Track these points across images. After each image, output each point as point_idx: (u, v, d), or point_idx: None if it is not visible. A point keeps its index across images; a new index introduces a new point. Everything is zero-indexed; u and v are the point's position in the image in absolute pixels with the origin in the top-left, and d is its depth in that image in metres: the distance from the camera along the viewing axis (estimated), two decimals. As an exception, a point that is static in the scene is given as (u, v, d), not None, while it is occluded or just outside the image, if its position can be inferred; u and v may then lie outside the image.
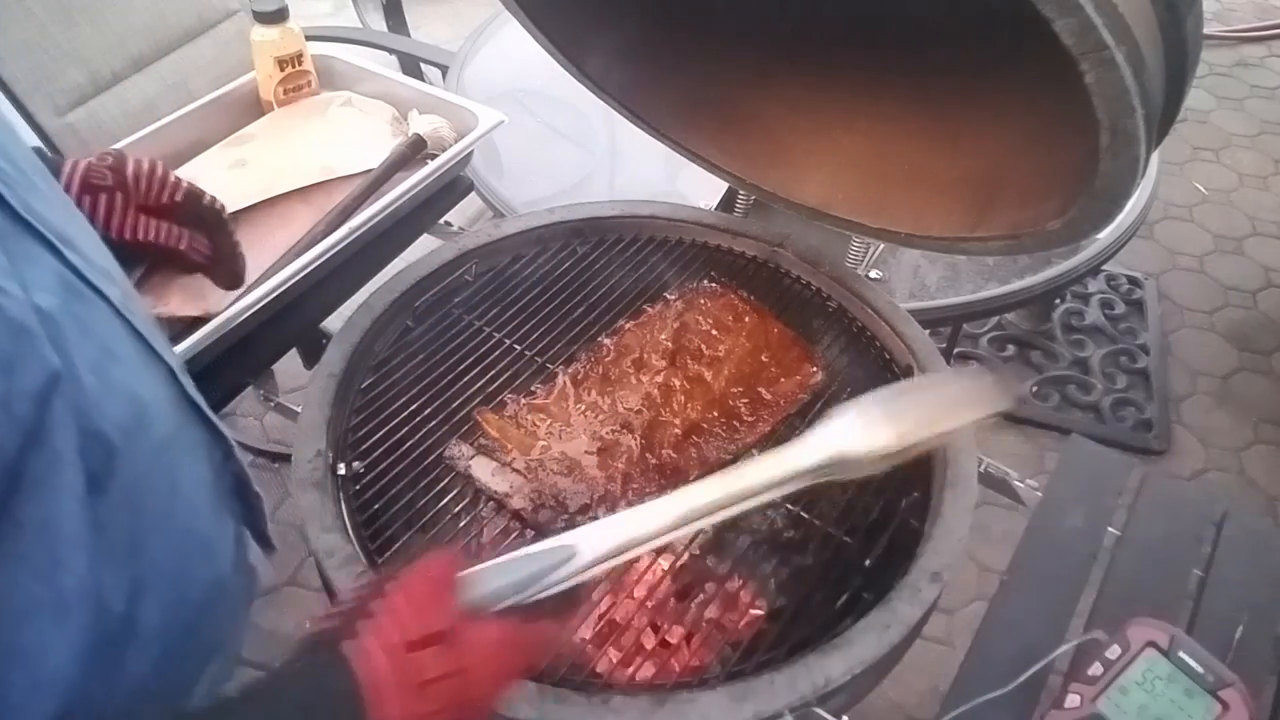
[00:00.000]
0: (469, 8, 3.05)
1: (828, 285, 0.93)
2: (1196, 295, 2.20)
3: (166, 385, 0.52)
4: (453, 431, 0.77)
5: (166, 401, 0.51)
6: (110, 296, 0.48)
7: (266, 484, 1.75)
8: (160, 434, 0.49)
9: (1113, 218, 0.67)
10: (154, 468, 0.48)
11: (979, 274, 1.23)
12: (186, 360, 0.80)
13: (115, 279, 0.50)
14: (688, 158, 1.01)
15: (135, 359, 0.49)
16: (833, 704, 0.61)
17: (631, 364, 0.82)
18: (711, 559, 0.83)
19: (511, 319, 0.87)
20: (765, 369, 0.83)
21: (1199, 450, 1.85)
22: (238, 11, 1.31)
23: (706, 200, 1.17)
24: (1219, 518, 0.82)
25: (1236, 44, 3.14)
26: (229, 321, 0.83)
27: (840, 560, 0.73)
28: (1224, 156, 2.64)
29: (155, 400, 0.50)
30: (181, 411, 0.53)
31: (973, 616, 1.52)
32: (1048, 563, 0.78)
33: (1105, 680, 0.65)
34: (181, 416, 0.53)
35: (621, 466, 0.74)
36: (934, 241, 0.87)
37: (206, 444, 0.56)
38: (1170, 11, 0.56)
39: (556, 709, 0.57)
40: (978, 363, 1.98)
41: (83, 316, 0.44)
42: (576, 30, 0.94)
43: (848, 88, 0.91)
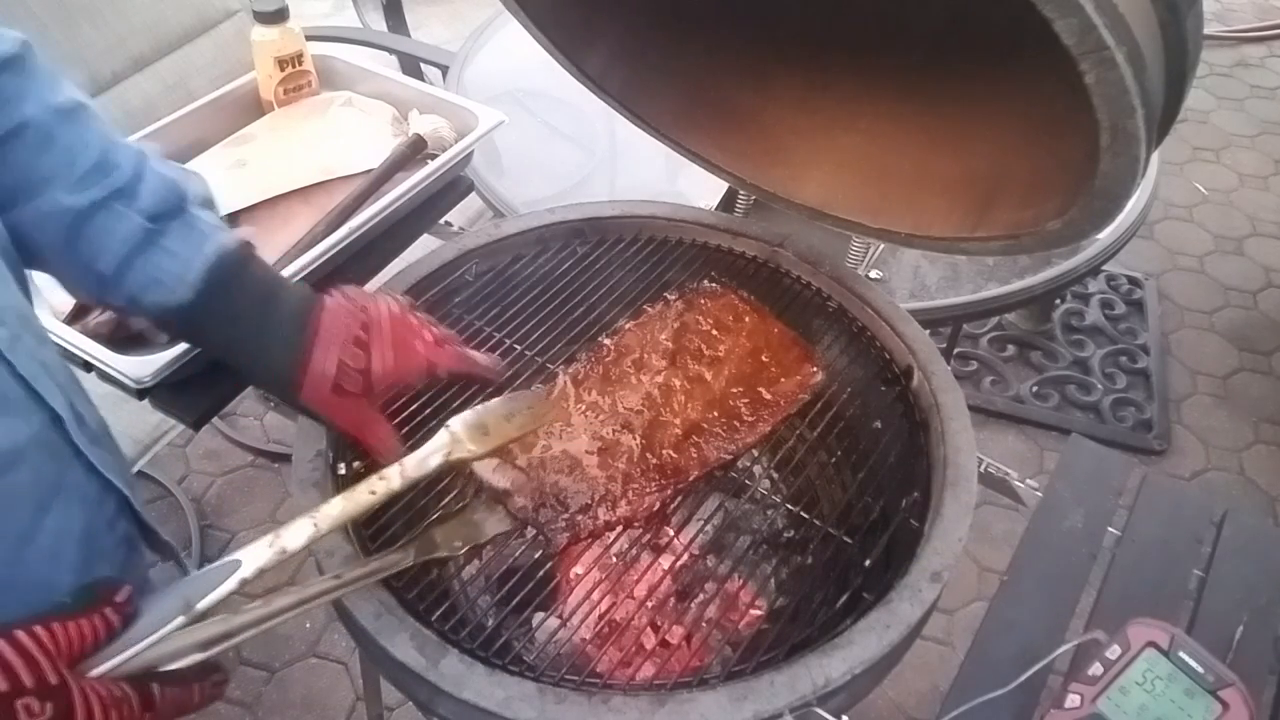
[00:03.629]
0: (469, 8, 3.05)
1: (828, 285, 0.93)
2: (1196, 295, 2.20)
3: (44, 430, 0.50)
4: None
5: (37, 449, 0.50)
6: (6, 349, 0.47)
7: (266, 484, 1.76)
8: (16, 482, 0.48)
9: (1113, 218, 0.67)
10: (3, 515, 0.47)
11: (979, 274, 1.23)
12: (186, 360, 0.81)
13: (7, 320, 0.49)
14: (688, 158, 1.01)
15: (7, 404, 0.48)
16: (833, 704, 0.61)
17: (632, 364, 0.82)
18: (712, 559, 0.83)
19: (511, 319, 0.87)
20: (765, 369, 0.83)
21: (1199, 450, 1.86)
22: (238, 11, 1.30)
23: (706, 200, 1.17)
24: (1219, 518, 0.82)
25: (1236, 44, 3.14)
26: (229, 321, 0.83)
27: (840, 560, 0.73)
28: (1224, 156, 2.64)
29: (17, 448, 0.48)
30: (59, 461, 0.52)
31: (973, 616, 1.53)
32: (1048, 563, 0.78)
33: (1105, 680, 0.65)
34: (58, 466, 0.52)
35: (622, 466, 0.74)
36: (934, 241, 0.87)
37: (92, 496, 0.55)
38: (1170, 11, 0.56)
39: (556, 709, 0.57)
40: (978, 362, 1.98)
41: None
42: (576, 30, 0.94)
43: (848, 87, 0.91)
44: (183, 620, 0.47)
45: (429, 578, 0.69)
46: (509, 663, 0.61)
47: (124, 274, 0.60)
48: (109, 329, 0.85)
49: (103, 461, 0.55)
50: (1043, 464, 1.81)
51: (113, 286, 0.61)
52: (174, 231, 0.61)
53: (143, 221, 0.60)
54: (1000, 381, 1.95)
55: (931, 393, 0.80)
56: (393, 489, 0.60)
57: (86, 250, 0.60)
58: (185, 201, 0.62)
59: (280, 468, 1.78)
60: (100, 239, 0.59)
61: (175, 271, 0.61)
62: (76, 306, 0.86)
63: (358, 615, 0.61)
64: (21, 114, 0.57)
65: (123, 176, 0.60)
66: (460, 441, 0.63)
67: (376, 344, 0.65)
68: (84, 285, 0.63)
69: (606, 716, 0.57)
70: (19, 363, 0.49)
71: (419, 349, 0.68)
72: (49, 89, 0.59)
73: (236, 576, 0.50)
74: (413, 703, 0.66)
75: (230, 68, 1.24)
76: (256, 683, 1.47)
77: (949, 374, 0.81)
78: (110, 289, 0.61)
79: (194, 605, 0.48)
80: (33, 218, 0.58)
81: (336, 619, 0.64)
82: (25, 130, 0.57)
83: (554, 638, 0.70)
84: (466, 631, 0.62)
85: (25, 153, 0.58)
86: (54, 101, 0.59)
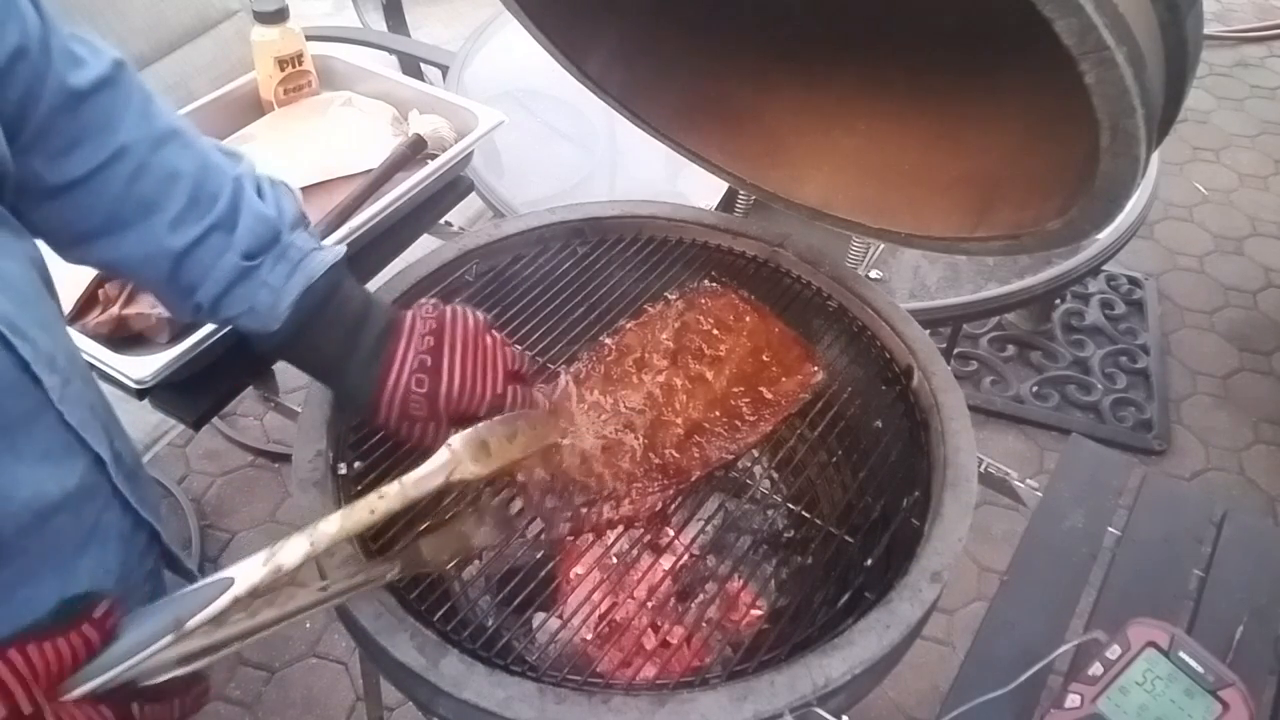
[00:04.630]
0: (469, 8, 3.05)
1: (828, 285, 0.93)
2: (1196, 295, 2.20)
3: (88, 474, 0.50)
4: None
5: (80, 493, 0.50)
6: (46, 386, 0.47)
7: (267, 484, 1.76)
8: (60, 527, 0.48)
9: (1113, 218, 0.67)
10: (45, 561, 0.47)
11: (979, 274, 1.23)
12: (186, 360, 0.81)
13: (58, 365, 0.49)
14: (688, 158, 1.01)
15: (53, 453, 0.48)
16: (833, 704, 0.61)
17: (633, 363, 0.82)
18: (712, 559, 0.83)
19: (512, 319, 0.87)
20: (766, 368, 0.83)
21: (1199, 450, 1.86)
22: (238, 11, 1.31)
23: (706, 200, 1.17)
24: (1219, 518, 0.82)
25: (1236, 44, 3.14)
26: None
27: (841, 560, 0.73)
28: (1224, 156, 2.64)
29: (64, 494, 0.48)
30: (98, 501, 0.52)
31: (973, 616, 1.53)
32: (1048, 563, 0.78)
33: (1105, 680, 0.65)
34: (97, 506, 0.52)
35: (625, 466, 0.74)
36: (934, 241, 0.87)
37: (126, 533, 0.55)
38: (1171, 11, 0.56)
39: (557, 709, 0.57)
40: (978, 362, 1.98)
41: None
42: (576, 30, 0.94)
43: (848, 88, 0.91)
44: (170, 639, 0.46)
45: (429, 578, 0.69)
46: (509, 663, 0.61)
47: (220, 305, 0.62)
48: (109, 329, 0.85)
49: (138, 498, 0.56)
50: (1043, 464, 1.81)
51: (209, 314, 0.63)
52: (268, 264, 0.62)
53: (239, 260, 0.61)
54: (1000, 381, 1.95)
55: (931, 393, 0.80)
56: (391, 509, 0.59)
57: (185, 283, 0.61)
58: (280, 234, 0.63)
59: (280, 468, 1.78)
60: (199, 273, 0.60)
61: (268, 303, 0.62)
62: (77, 306, 0.86)
63: (358, 615, 0.61)
64: (117, 140, 0.56)
65: (219, 211, 0.60)
66: (462, 461, 0.63)
67: (446, 369, 0.66)
68: (181, 311, 0.64)
69: (607, 717, 0.57)
70: (68, 411, 0.49)
71: (488, 379, 0.68)
72: (142, 113, 0.58)
73: (229, 594, 0.49)
74: (413, 703, 0.66)
75: (230, 68, 1.24)
76: (256, 683, 1.47)
77: (949, 374, 0.81)
78: (206, 316, 0.63)
79: (184, 624, 0.47)
80: (133, 253, 0.59)
81: (336, 619, 0.64)
82: (121, 158, 0.57)
83: (554, 638, 0.70)
84: (467, 632, 0.62)
85: (118, 183, 0.57)
86: (149, 127, 0.58)
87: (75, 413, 0.49)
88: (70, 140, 0.55)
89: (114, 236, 0.58)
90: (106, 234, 0.58)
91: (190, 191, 0.59)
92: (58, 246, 0.60)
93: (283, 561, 0.52)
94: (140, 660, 0.45)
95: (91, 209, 0.57)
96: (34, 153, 0.54)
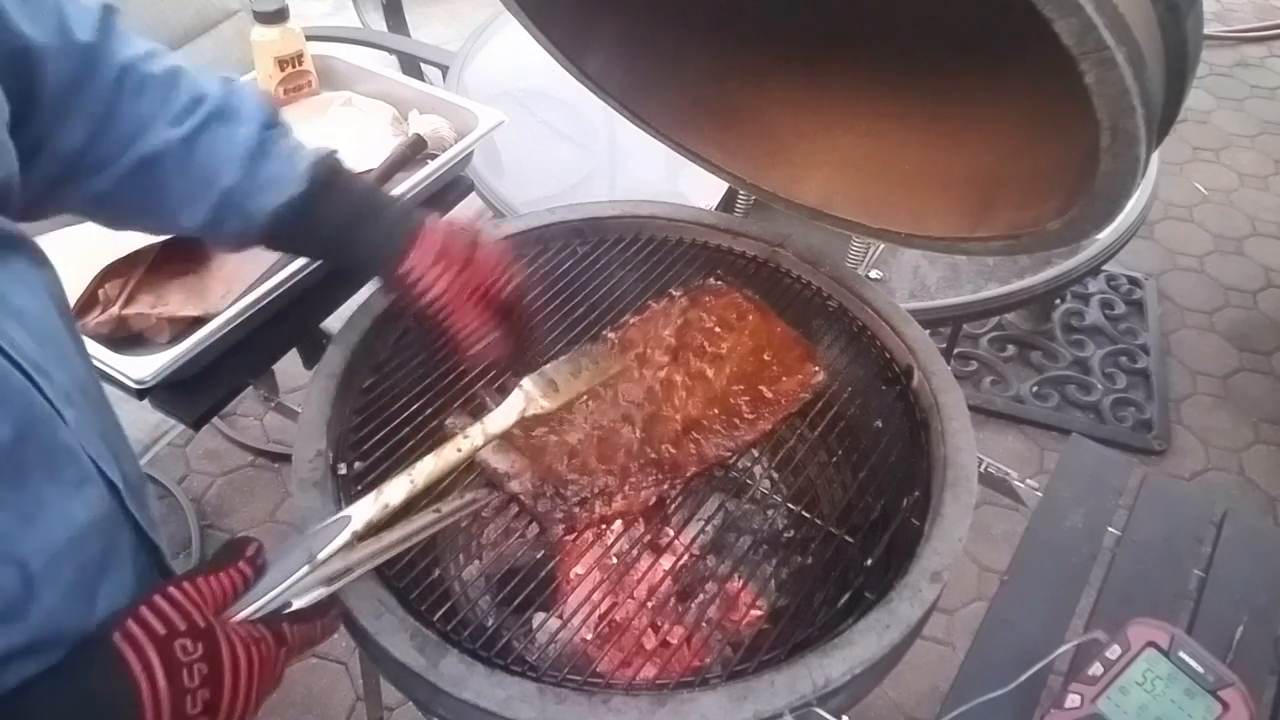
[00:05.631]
0: (469, 8, 3.05)
1: (828, 285, 0.93)
2: (1196, 295, 2.20)
3: (104, 502, 0.51)
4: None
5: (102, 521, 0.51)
6: (67, 419, 0.48)
7: (267, 484, 1.76)
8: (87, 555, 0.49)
9: (1113, 218, 0.67)
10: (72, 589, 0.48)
11: (979, 274, 1.23)
12: (186, 360, 0.81)
13: (74, 399, 0.50)
14: (688, 158, 1.01)
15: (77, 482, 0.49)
16: (833, 704, 0.61)
17: (635, 358, 0.82)
18: (712, 559, 0.83)
19: (512, 319, 0.87)
20: (767, 367, 0.83)
21: (1199, 450, 1.86)
22: (238, 11, 1.31)
23: (706, 200, 1.17)
24: (1219, 518, 0.82)
25: (1236, 44, 3.14)
26: (229, 321, 0.83)
27: (841, 560, 0.73)
28: (1224, 156, 2.64)
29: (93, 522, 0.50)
30: (116, 526, 0.53)
31: (973, 616, 1.53)
32: (1048, 563, 0.78)
33: (1105, 680, 0.65)
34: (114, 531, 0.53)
35: (621, 459, 0.74)
36: (934, 241, 0.87)
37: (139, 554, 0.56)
38: (1171, 11, 0.56)
39: (557, 709, 0.57)
40: (978, 362, 1.98)
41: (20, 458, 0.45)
42: (576, 30, 0.94)
43: (848, 87, 0.91)
44: (307, 569, 0.55)
45: (430, 578, 0.69)
46: (509, 663, 0.61)
47: (246, 182, 0.66)
48: (109, 329, 0.85)
49: (145, 519, 0.56)
50: (1043, 464, 1.81)
51: (236, 200, 0.66)
52: (280, 137, 0.68)
53: (257, 129, 0.66)
54: (1000, 381, 1.96)
55: (932, 393, 0.80)
56: (476, 445, 0.67)
57: (203, 172, 0.65)
58: (279, 113, 0.69)
59: (280, 468, 1.78)
60: (214, 157, 0.65)
61: (285, 172, 0.67)
62: (77, 307, 0.86)
63: (358, 615, 0.61)
64: (119, 62, 0.61)
65: (215, 99, 0.65)
66: (535, 399, 0.70)
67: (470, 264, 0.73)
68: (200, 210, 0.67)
69: (607, 717, 0.57)
70: (86, 443, 0.50)
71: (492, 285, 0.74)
72: (129, 42, 0.63)
73: (349, 530, 0.57)
74: (413, 703, 0.66)
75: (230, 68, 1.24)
76: (256, 683, 1.47)
77: (949, 374, 0.81)
78: (231, 206, 0.66)
79: (315, 556, 0.55)
80: (142, 161, 0.63)
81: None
82: (124, 77, 0.62)
83: (554, 638, 0.70)
84: (467, 632, 0.62)
85: (126, 100, 0.62)
86: (138, 49, 0.63)
87: (92, 443, 0.51)
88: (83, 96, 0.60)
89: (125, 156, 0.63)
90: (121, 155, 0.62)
91: (191, 91, 0.65)
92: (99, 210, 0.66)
93: (389, 499, 0.60)
94: (286, 588, 0.53)
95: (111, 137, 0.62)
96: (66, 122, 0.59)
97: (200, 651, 0.47)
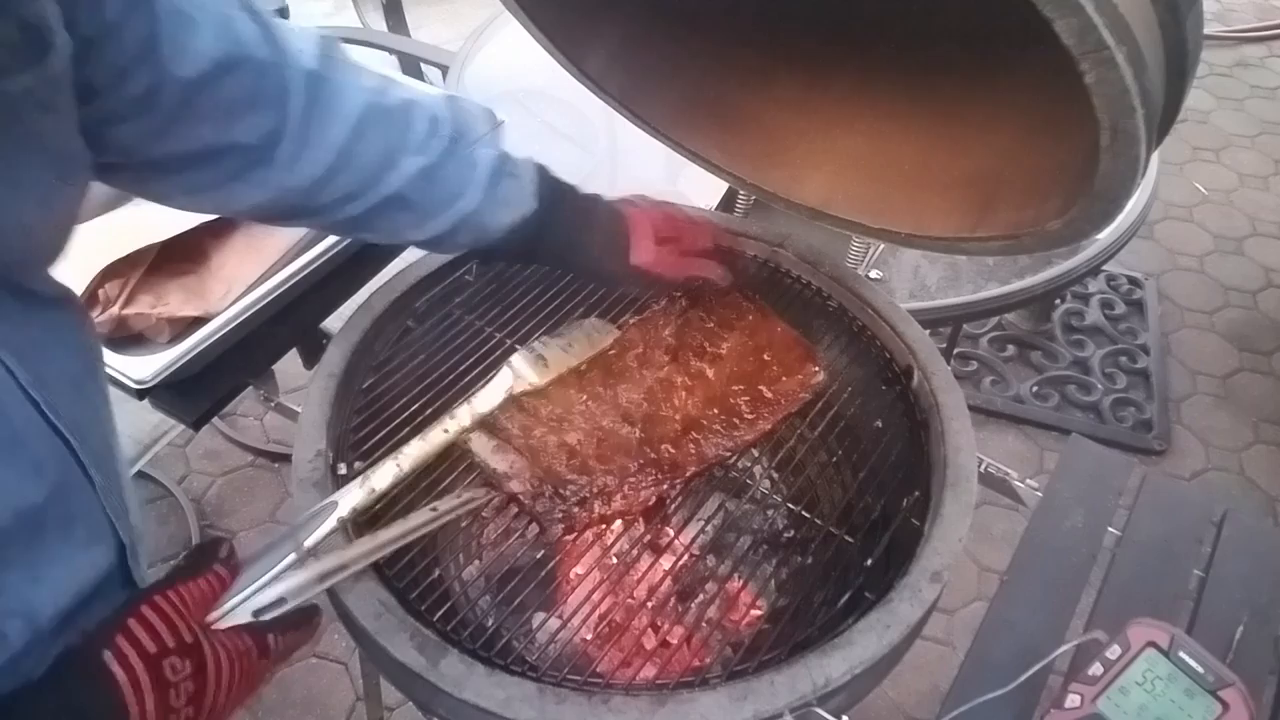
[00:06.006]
0: (469, 8, 3.05)
1: (828, 285, 0.93)
2: (1196, 295, 2.20)
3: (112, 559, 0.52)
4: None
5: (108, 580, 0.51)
6: (96, 483, 0.49)
7: (267, 484, 1.76)
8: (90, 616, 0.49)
9: (1113, 218, 0.67)
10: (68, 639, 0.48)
11: (979, 274, 1.23)
12: (186, 360, 0.81)
13: (104, 462, 0.51)
14: (688, 158, 1.01)
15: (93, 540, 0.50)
16: (833, 704, 0.61)
17: (635, 358, 0.82)
18: (712, 559, 0.83)
19: (511, 319, 0.87)
20: (767, 367, 0.83)
21: (1199, 450, 1.86)
22: (238, 11, 1.30)
23: (706, 200, 1.17)
24: (1219, 518, 0.82)
25: (1236, 44, 3.14)
26: (229, 321, 0.83)
27: (841, 560, 0.73)
28: (1224, 156, 2.64)
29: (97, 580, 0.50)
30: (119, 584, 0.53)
31: (973, 616, 1.53)
32: (1048, 563, 0.78)
33: (1105, 680, 0.65)
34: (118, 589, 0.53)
35: (620, 459, 0.74)
36: (934, 241, 0.87)
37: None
38: (1171, 12, 0.56)
39: (557, 709, 0.57)
40: (978, 362, 1.98)
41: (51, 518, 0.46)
42: (576, 30, 0.94)
43: (848, 87, 0.91)
44: (294, 557, 0.53)
45: (430, 578, 0.69)
46: (509, 663, 0.61)
47: (486, 203, 0.69)
48: (109, 329, 0.85)
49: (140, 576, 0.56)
50: (1043, 464, 1.81)
51: (473, 220, 0.70)
52: (509, 155, 0.72)
53: (495, 151, 0.70)
54: (1000, 381, 1.96)
55: (931, 393, 0.80)
56: (463, 425, 0.67)
57: (445, 195, 0.68)
58: (501, 122, 0.73)
59: (280, 468, 1.78)
60: (457, 181, 0.68)
61: (518, 190, 0.71)
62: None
63: (358, 615, 0.61)
64: (356, 97, 0.63)
65: (450, 123, 0.68)
66: (521, 376, 0.69)
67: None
68: (434, 227, 0.70)
69: (607, 717, 0.57)
70: (109, 504, 0.51)
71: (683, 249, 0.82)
72: (358, 72, 0.64)
73: (335, 516, 0.57)
74: (413, 703, 0.66)
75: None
76: (256, 683, 1.47)
77: (949, 374, 0.81)
78: (467, 224, 0.70)
79: (303, 543, 0.55)
80: (390, 194, 0.66)
81: (336, 619, 0.64)
82: (366, 114, 0.63)
83: (554, 638, 0.70)
84: (467, 632, 0.62)
85: (372, 133, 0.64)
86: (370, 81, 0.64)
87: (112, 503, 0.51)
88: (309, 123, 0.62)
89: (376, 189, 0.65)
90: (373, 188, 0.65)
91: (429, 119, 0.67)
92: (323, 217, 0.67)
93: (376, 485, 0.60)
94: (272, 577, 0.52)
95: (359, 169, 0.64)
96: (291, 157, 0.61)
97: (188, 669, 0.46)
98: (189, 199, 0.63)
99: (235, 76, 0.56)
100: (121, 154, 0.55)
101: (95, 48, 0.49)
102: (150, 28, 0.52)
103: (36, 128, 0.44)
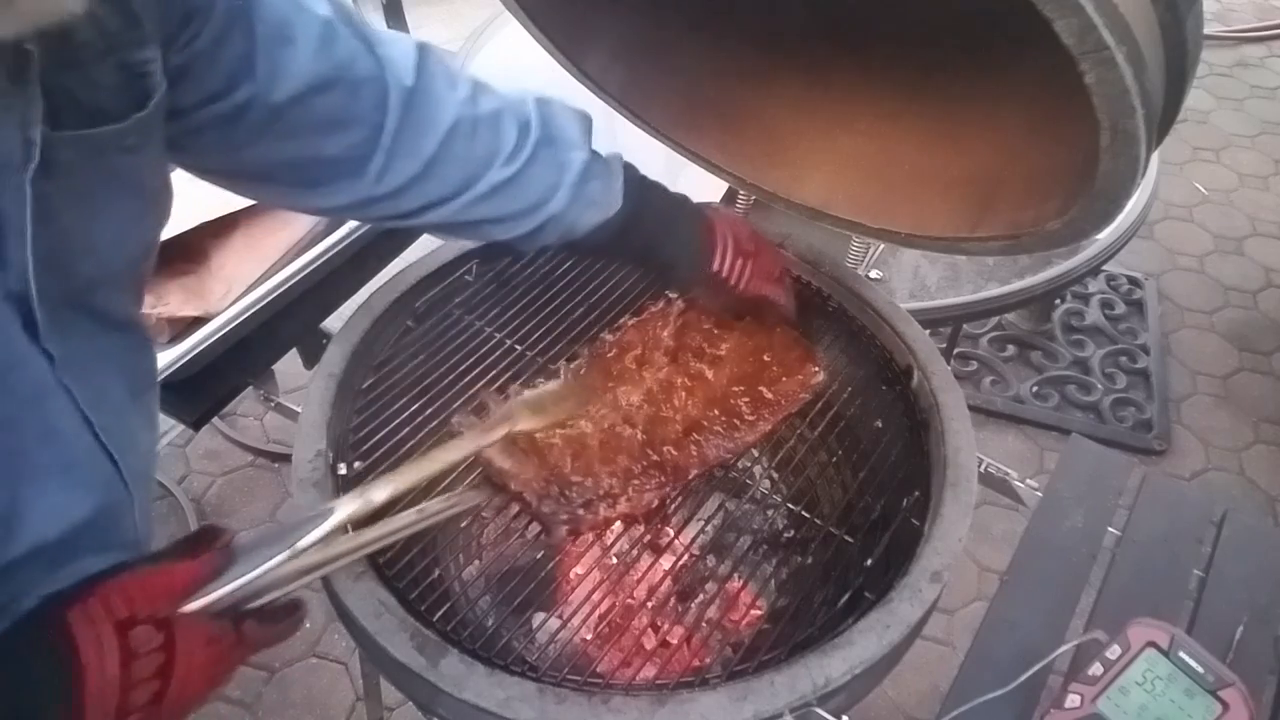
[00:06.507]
0: (469, 8, 3.05)
1: (828, 285, 0.93)
2: (1196, 295, 2.20)
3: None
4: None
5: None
6: (137, 501, 0.50)
7: (267, 484, 1.76)
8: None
9: (1113, 218, 0.67)
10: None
11: (979, 274, 1.23)
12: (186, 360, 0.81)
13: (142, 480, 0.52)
14: (688, 158, 1.01)
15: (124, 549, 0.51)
16: (833, 704, 0.61)
17: (634, 360, 0.82)
18: (712, 559, 0.83)
19: (511, 319, 0.87)
20: (767, 368, 0.82)
21: (1199, 450, 1.86)
22: (238, 11, 1.30)
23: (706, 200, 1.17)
24: (1219, 518, 0.82)
25: (1236, 44, 3.14)
26: (229, 321, 0.84)
27: (841, 560, 0.73)
28: (1224, 156, 2.64)
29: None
30: None
31: (973, 616, 1.53)
32: (1048, 563, 0.78)
33: (1105, 680, 0.65)
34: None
35: (623, 462, 0.74)
36: (934, 241, 0.87)
37: None
38: (1171, 11, 0.56)
39: (556, 709, 0.57)
40: (978, 362, 1.98)
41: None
42: (576, 29, 0.94)
43: (848, 87, 0.91)
44: (286, 556, 0.53)
45: (430, 578, 0.69)
46: (509, 663, 0.61)
47: (572, 204, 0.69)
48: (109, 329, 0.85)
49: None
50: (1043, 464, 1.81)
51: (559, 220, 0.69)
52: (598, 156, 0.70)
53: (584, 153, 0.69)
54: (1000, 381, 1.95)
55: (931, 393, 0.80)
56: (466, 451, 0.66)
57: (534, 198, 0.68)
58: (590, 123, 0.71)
59: (280, 468, 1.78)
60: (545, 184, 0.68)
61: (605, 191, 0.70)
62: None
63: (358, 615, 0.61)
64: (450, 110, 0.63)
65: (539, 127, 0.67)
66: (522, 415, 0.70)
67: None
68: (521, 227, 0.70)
69: (607, 717, 0.57)
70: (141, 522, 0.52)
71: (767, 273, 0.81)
72: (450, 83, 0.64)
73: (331, 521, 0.57)
74: (413, 703, 0.66)
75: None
76: (256, 683, 1.47)
77: (949, 374, 0.81)
78: (553, 225, 0.70)
79: (296, 545, 0.54)
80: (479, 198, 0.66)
81: (336, 619, 0.64)
82: (458, 126, 0.63)
83: (554, 638, 0.70)
84: (467, 632, 0.62)
85: (460, 145, 0.64)
86: (462, 92, 0.64)
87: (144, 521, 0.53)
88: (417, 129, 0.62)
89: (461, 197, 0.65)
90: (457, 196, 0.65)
91: (518, 127, 0.66)
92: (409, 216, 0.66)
93: (372, 497, 0.60)
94: (260, 574, 0.51)
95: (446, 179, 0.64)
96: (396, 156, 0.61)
97: (157, 643, 0.45)
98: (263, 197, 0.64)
99: (329, 95, 0.56)
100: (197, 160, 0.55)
101: (186, 76, 0.49)
102: (247, 48, 0.51)
103: (120, 166, 0.44)
